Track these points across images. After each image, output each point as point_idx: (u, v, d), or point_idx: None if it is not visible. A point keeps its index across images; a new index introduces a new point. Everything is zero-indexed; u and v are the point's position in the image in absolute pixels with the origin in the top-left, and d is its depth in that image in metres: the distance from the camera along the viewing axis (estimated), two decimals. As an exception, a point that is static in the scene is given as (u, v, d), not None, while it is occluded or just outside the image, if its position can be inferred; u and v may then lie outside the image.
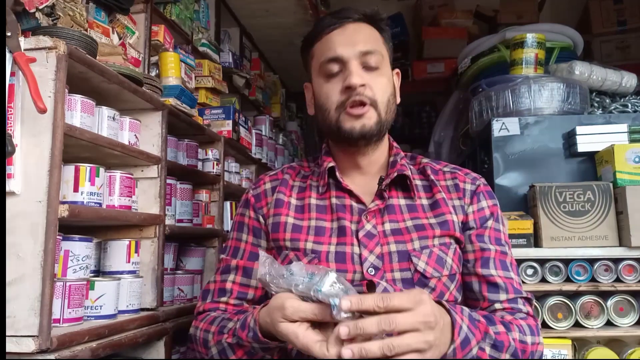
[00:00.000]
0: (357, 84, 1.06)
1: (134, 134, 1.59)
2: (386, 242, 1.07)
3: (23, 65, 1.13)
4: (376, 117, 1.09)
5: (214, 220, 2.14)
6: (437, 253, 1.07)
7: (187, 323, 1.74)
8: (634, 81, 2.28)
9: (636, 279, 1.81)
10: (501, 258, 1.10)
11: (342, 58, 1.09)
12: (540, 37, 2.34)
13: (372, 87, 1.08)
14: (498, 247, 1.11)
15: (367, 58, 1.09)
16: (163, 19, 2.23)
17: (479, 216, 1.13)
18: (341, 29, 1.12)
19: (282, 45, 3.60)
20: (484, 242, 1.10)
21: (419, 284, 1.04)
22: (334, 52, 1.10)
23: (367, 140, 1.11)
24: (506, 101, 2.20)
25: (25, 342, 1.09)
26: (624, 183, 1.85)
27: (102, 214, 1.40)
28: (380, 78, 1.11)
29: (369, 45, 1.10)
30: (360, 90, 1.07)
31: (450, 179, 1.18)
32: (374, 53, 1.10)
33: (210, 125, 2.36)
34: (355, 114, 1.07)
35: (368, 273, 1.04)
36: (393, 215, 1.11)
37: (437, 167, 1.21)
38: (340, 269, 1.04)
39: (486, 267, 1.09)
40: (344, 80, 1.08)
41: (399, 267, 1.05)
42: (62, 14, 1.46)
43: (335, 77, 1.10)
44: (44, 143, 1.17)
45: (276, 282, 0.86)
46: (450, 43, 4.03)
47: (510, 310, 1.07)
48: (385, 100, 1.11)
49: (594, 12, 4.01)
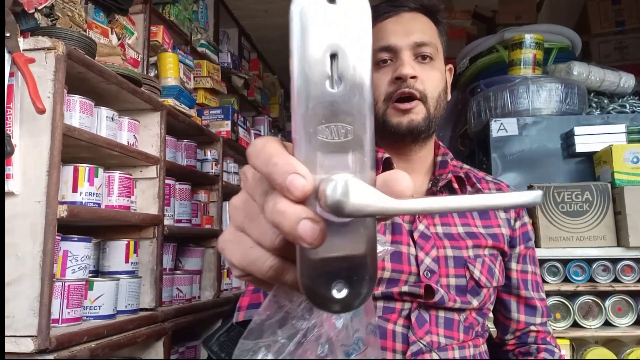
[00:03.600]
0: (408, 74, 1.00)
1: (133, 134, 1.59)
2: (442, 245, 1.02)
3: (22, 66, 1.13)
4: (425, 113, 1.03)
5: (213, 220, 2.14)
6: (489, 263, 1.04)
7: (186, 323, 1.75)
8: (632, 82, 2.28)
9: (634, 279, 1.82)
10: (537, 280, 1.12)
11: (394, 47, 1.03)
12: (538, 38, 2.34)
13: (423, 81, 1.02)
14: (534, 268, 1.12)
15: (420, 49, 1.04)
16: (162, 19, 2.23)
17: (522, 232, 1.12)
18: (396, 17, 1.07)
19: (280, 46, 3.60)
20: (526, 264, 1.12)
21: (472, 292, 1.01)
22: (386, 41, 1.04)
23: (414, 137, 1.05)
24: (504, 101, 2.20)
25: (24, 342, 1.09)
26: (622, 183, 1.85)
27: (101, 214, 1.40)
28: (432, 71, 1.05)
29: (424, 36, 1.05)
30: (411, 82, 1.01)
31: (494, 189, 1.15)
32: (428, 45, 1.04)
33: (209, 125, 2.37)
34: (403, 108, 1.01)
35: (424, 276, 0.98)
36: (445, 218, 1.05)
37: (480, 175, 1.17)
38: (395, 269, 0.99)
39: (526, 288, 1.11)
40: (394, 70, 1.02)
41: (454, 273, 1.01)
42: (61, 15, 1.46)
43: (385, 67, 1.04)
44: (43, 143, 1.17)
45: None
46: (448, 43, 4.00)
47: (543, 334, 1.11)
48: (435, 95, 1.05)
49: (592, 12, 4.01)
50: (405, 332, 0.98)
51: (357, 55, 0.34)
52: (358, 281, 0.34)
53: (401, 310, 0.99)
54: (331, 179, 0.31)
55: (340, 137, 0.33)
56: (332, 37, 0.33)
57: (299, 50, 0.33)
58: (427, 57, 1.04)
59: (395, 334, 0.98)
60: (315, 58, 0.33)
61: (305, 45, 0.33)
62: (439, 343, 0.99)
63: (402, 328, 0.98)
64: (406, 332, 0.98)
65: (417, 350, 0.97)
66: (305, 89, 0.33)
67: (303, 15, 0.33)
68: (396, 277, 0.98)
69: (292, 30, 0.34)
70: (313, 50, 0.33)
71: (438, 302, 0.97)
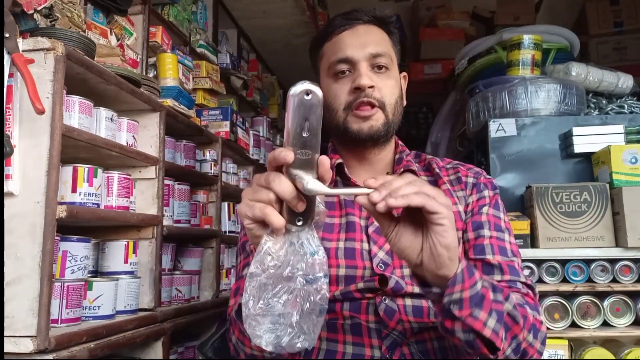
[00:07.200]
0: (366, 85, 1.07)
1: (132, 134, 1.59)
2: None
3: (21, 67, 1.13)
4: (384, 119, 1.10)
5: (212, 220, 2.14)
6: None
7: (185, 323, 1.75)
8: (630, 82, 2.29)
9: (632, 280, 1.82)
10: (500, 244, 1.07)
11: (352, 59, 1.10)
12: (537, 39, 2.35)
13: (380, 89, 1.10)
14: (495, 233, 1.09)
15: (376, 60, 1.11)
16: (161, 20, 2.23)
17: (478, 204, 1.13)
18: (352, 30, 1.14)
19: (279, 47, 3.60)
20: (481, 228, 1.09)
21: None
22: (343, 53, 1.11)
23: (374, 142, 1.12)
24: (503, 102, 2.21)
25: (24, 342, 1.09)
26: (621, 184, 1.86)
27: (100, 214, 1.40)
28: (388, 80, 1.12)
29: (379, 47, 1.12)
30: (369, 91, 1.08)
31: (453, 173, 1.19)
32: (383, 55, 1.11)
33: (208, 126, 2.37)
34: (363, 115, 1.09)
35: (378, 268, 1.04)
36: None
37: (442, 164, 1.22)
38: (350, 265, 1.04)
39: (481, 251, 1.06)
40: (353, 81, 1.09)
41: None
42: (60, 15, 1.46)
43: (344, 77, 1.12)
44: (42, 144, 1.18)
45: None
46: (447, 44, 4.03)
47: (507, 290, 1.04)
48: (393, 102, 1.12)
49: (590, 13, 4.02)
50: (379, 327, 1.02)
51: (316, 120, 0.70)
52: (305, 217, 0.74)
53: (367, 305, 1.03)
54: (302, 177, 0.70)
55: (306, 156, 0.71)
56: (306, 112, 0.69)
57: (291, 116, 0.69)
58: (382, 67, 1.12)
59: (370, 330, 1.02)
60: (298, 120, 0.69)
61: (295, 114, 0.69)
62: (412, 329, 1.02)
63: (375, 324, 1.02)
64: (379, 326, 1.02)
65: (391, 344, 1.01)
66: (293, 133, 0.70)
67: (294, 99, 0.69)
68: (351, 274, 1.03)
69: (288, 107, 0.70)
70: (297, 116, 0.69)
71: (395, 289, 1.01)
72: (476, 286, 0.81)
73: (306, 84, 0.69)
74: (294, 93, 0.69)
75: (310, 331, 0.76)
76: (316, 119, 0.69)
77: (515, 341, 0.90)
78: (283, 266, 0.74)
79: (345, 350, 1.01)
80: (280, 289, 0.75)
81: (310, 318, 0.76)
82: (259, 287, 0.74)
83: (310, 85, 0.69)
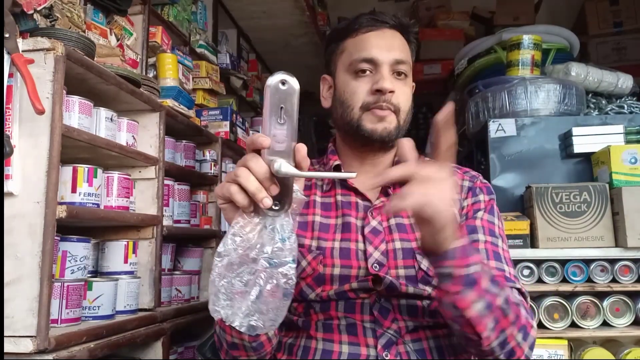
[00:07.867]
0: (388, 89, 1.09)
1: (132, 135, 1.59)
2: (391, 239, 1.08)
3: (21, 67, 1.13)
4: (396, 123, 1.12)
5: (212, 221, 2.14)
6: None
7: (185, 323, 1.75)
8: (629, 82, 2.29)
9: (632, 280, 1.82)
10: (494, 249, 1.07)
11: (376, 60, 1.11)
12: (536, 39, 2.35)
13: (398, 95, 1.11)
14: (489, 238, 1.09)
15: (398, 66, 1.12)
16: (161, 20, 2.23)
17: (473, 208, 1.13)
18: (379, 32, 1.15)
19: (279, 47, 3.60)
20: (475, 233, 1.08)
21: (423, 281, 1.04)
22: (369, 53, 1.12)
23: (383, 144, 1.14)
24: (503, 102, 2.21)
25: (23, 342, 1.09)
26: (620, 184, 1.86)
27: (100, 214, 1.40)
28: (405, 87, 1.14)
29: (402, 54, 1.14)
30: (389, 96, 1.10)
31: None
32: (405, 63, 1.13)
33: (207, 126, 2.37)
34: (380, 115, 1.10)
35: (372, 269, 1.04)
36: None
37: None
38: (345, 265, 1.05)
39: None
40: (374, 82, 1.10)
41: (403, 264, 1.05)
42: (60, 16, 1.46)
43: (364, 77, 1.12)
44: (42, 144, 1.17)
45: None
46: (446, 44, 4.04)
47: None
48: (407, 109, 1.14)
49: (590, 13, 4.02)
50: (373, 327, 1.03)
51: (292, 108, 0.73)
52: (282, 202, 0.76)
53: (362, 305, 1.04)
54: (276, 160, 0.73)
55: (282, 142, 0.73)
56: (282, 99, 0.72)
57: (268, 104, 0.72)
58: (402, 73, 1.14)
59: (365, 329, 1.03)
60: (274, 108, 0.73)
61: (271, 102, 0.72)
62: (407, 327, 1.03)
63: (369, 323, 1.03)
64: (374, 326, 1.03)
65: (386, 342, 1.01)
66: (269, 120, 0.73)
67: (270, 89, 0.72)
68: (346, 273, 1.04)
69: (265, 96, 0.73)
70: (273, 104, 0.73)
71: (390, 288, 1.02)
72: (469, 269, 0.85)
73: (282, 74, 0.72)
74: (270, 82, 0.72)
75: (269, 312, 0.79)
76: (291, 107, 0.73)
77: (503, 335, 0.91)
78: (251, 248, 0.77)
79: (342, 350, 1.02)
80: (244, 269, 0.78)
81: (272, 300, 0.78)
82: (226, 266, 0.78)
83: (285, 76, 0.72)
